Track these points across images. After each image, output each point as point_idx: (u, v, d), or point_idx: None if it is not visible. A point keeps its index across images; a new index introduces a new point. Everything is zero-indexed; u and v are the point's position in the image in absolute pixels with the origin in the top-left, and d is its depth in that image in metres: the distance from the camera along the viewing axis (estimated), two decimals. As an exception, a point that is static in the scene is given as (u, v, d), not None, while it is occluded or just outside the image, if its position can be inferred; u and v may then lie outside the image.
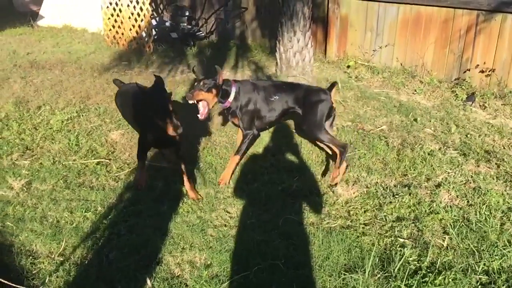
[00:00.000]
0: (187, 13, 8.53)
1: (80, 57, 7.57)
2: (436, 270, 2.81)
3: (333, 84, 4.08)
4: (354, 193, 3.75)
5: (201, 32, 8.52)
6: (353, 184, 3.87)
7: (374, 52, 6.89)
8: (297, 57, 6.06)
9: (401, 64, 6.69)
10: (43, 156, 4.32)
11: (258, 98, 4.05)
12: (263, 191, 3.76)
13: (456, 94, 5.81)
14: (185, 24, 8.39)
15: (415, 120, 5.14)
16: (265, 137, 4.81)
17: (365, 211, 3.49)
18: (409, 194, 3.66)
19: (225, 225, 3.36)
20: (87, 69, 6.92)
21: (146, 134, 3.72)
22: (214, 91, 3.86)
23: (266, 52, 7.77)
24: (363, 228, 3.30)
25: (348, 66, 6.77)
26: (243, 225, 3.34)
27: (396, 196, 3.64)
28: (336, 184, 3.85)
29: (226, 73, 6.84)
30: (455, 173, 4.01)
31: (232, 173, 3.97)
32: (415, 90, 6.03)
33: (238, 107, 4.01)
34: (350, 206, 3.57)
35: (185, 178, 3.73)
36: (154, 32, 8.02)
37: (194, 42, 8.20)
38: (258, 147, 4.56)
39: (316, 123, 3.96)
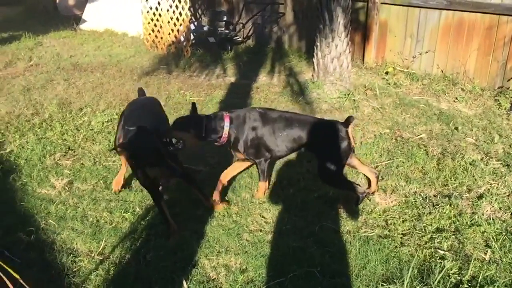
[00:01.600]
0: (225, 18, 8.61)
1: (120, 60, 7.74)
2: (478, 285, 2.72)
3: (350, 119, 3.52)
4: (392, 202, 3.68)
5: (238, 37, 8.58)
6: (391, 193, 3.80)
7: (414, 58, 6.75)
8: (334, 63, 6.03)
9: (442, 71, 6.53)
10: (84, 157, 4.43)
11: (262, 129, 3.54)
12: (299, 197, 3.74)
13: (500, 103, 5.63)
14: (223, 29, 8.47)
15: (456, 128, 5.00)
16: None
17: (403, 221, 3.42)
18: (450, 205, 3.56)
19: (261, 230, 3.35)
20: (127, 72, 7.08)
21: (143, 175, 3.18)
22: (191, 131, 3.38)
23: (303, 58, 7.75)
24: (401, 238, 3.23)
25: (387, 73, 6.66)
26: (278, 231, 3.33)
27: (436, 207, 3.55)
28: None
29: (262, 78, 6.87)
30: (498, 184, 3.88)
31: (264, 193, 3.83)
32: (456, 98, 5.88)
33: (239, 140, 3.53)
34: (388, 215, 3.50)
35: (200, 196, 3.54)
36: (192, 37, 8.13)
37: (231, 47, 8.26)
38: (293, 153, 4.53)
39: (333, 168, 3.49)
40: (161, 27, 8.18)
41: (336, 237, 3.26)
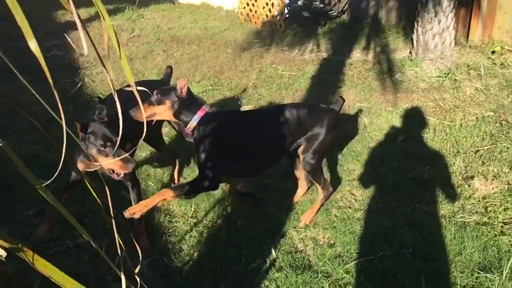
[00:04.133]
0: (320, -9, 8.45)
1: (215, 33, 7.91)
2: None
3: (341, 101, 3.16)
4: (493, 188, 3.45)
5: (333, 12, 8.37)
6: (493, 179, 3.56)
7: (526, 37, 6.18)
8: (436, 40, 5.70)
9: (559, 52, 5.92)
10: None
11: (236, 138, 2.91)
12: (391, 177, 3.64)
13: None
14: (318, 3, 8.30)
15: None
16: (395, 120, 4.63)
17: (505, 209, 3.20)
18: (560, 197, 3.27)
19: (350, 207, 3.32)
20: (221, 45, 7.23)
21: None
22: (167, 103, 2.79)
23: (400, 34, 7.40)
24: (501, 227, 3.03)
25: (493, 52, 6.16)
26: (368, 209, 3.28)
27: (544, 197, 3.28)
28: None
29: (356, 54, 6.68)
30: None
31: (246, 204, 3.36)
32: None
33: (200, 142, 2.82)
34: (487, 202, 3.29)
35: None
36: (286, 11, 8.08)
37: (326, 22, 8.10)
38: (387, 131, 4.41)
39: (321, 158, 3.12)
40: (255, 0, 8.21)
41: (429, 220, 3.13)
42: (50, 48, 6.71)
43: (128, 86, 0.93)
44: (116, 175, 2.61)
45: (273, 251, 2.84)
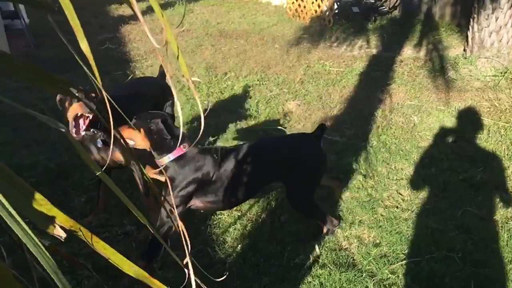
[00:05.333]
0: (371, -13, 8.28)
1: (263, 28, 7.92)
2: None
3: (322, 128, 2.88)
4: (552, 195, 3.28)
5: (384, 7, 8.20)
6: (552, 185, 3.38)
7: None
8: (492, 37, 5.47)
9: None
10: (226, 119, 4.67)
11: (209, 181, 2.62)
12: (441, 178, 3.53)
13: None
14: (368, -2, 8.17)
15: None
16: (446, 120, 4.48)
17: None
18: None
19: (397, 207, 3.24)
20: (269, 40, 7.23)
21: None
22: (142, 131, 2.55)
23: (454, 31, 7.15)
24: (561, 236, 2.88)
25: (555, 50, 5.85)
26: (416, 210, 3.19)
27: None
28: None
29: (407, 51, 6.50)
30: None
31: None
32: None
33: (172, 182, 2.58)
34: (545, 209, 3.14)
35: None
36: (335, 6, 7.97)
37: (376, 17, 7.94)
38: (437, 131, 4.27)
39: (309, 193, 2.84)
40: (305, -4, 8.16)
41: (481, 224, 3.01)
42: (103, 41, 6.93)
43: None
44: None
45: (316, 247, 2.82)
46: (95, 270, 1.25)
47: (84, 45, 0.72)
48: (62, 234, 0.87)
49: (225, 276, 2.42)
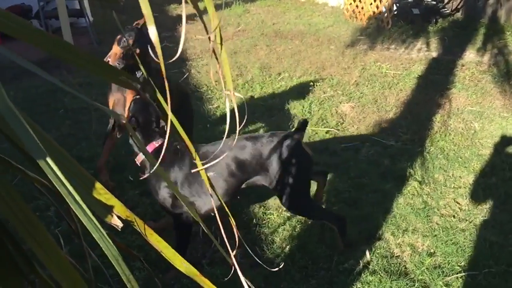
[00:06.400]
0: (433, -12, 8.01)
1: (319, 29, 7.84)
2: None
3: (304, 123, 2.72)
4: None
5: (446, 9, 7.90)
6: None
7: None
8: None
9: None
10: (279, 119, 4.66)
11: (180, 176, 2.55)
12: (503, 189, 3.35)
13: None
14: (429, 0, 7.89)
15: None
16: (510, 127, 4.25)
17: None
18: None
19: (454, 216, 3.11)
20: (324, 41, 7.15)
21: None
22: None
23: (522, 35, 6.78)
24: None
25: None
26: (474, 221, 3.04)
27: None
28: None
29: (469, 55, 6.23)
30: None
31: None
32: None
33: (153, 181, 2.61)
34: None
35: None
36: (395, 7, 7.77)
37: (437, 19, 7.66)
38: (500, 138, 4.06)
39: (300, 194, 2.71)
40: (363, -4, 8.01)
41: (546, 240, 2.83)
42: (161, 40, 7.06)
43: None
44: None
45: (367, 253, 2.75)
46: (146, 262, 1.27)
47: (153, 30, 0.74)
48: (119, 224, 0.88)
49: (277, 268, 2.42)
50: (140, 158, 2.54)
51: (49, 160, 0.62)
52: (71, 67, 3.80)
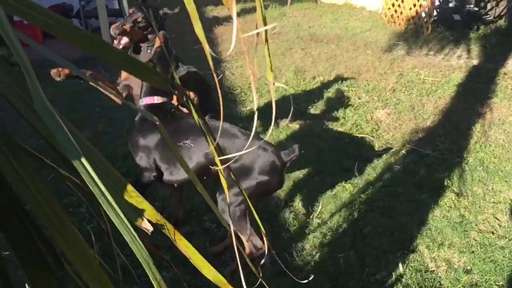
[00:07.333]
0: (476, -6, 7.77)
1: (356, 33, 7.73)
2: None
3: (294, 151, 2.48)
4: None
5: (488, 16, 7.65)
6: None
7: None
8: None
9: None
10: (312, 124, 4.59)
11: (158, 138, 2.52)
12: (548, 205, 3.19)
13: None
14: (472, 6, 7.65)
15: None
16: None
17: None
18: None
19: (492, 233, 2.97)
20: (361, 46, 7.04)
21: None
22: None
23: None
24: None
25: None
26: (515, 238, 2.90)
27: None
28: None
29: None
30: None
31: None
32: None
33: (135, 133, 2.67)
34: None
35: None
36: (435, 13, 7.58)
37: (479, 26, 7.43)
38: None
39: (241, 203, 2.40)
40: (402, 1, 7.85)
41: None
42: (196, 41, 7.13)
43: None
44: None
45: (400, 265, 2.66)
46: (174, 262, 1.25)
47: (198, 28, 0.72)
48: (149, 228, 0.87)
49: (306, 281, 2.36)
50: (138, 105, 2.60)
51: (84, 160, 0.60)
52: (108, 66, 3.84)
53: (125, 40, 2.88)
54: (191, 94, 2.71)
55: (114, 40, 2.88)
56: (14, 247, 0.79)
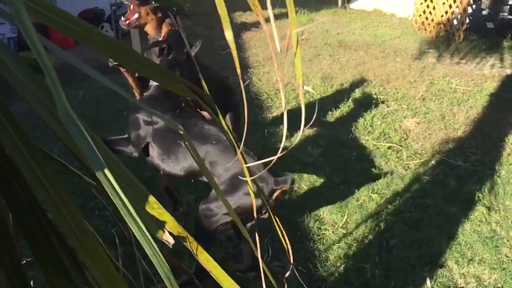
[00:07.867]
0: (510, 2, 7.55)
1: (385, 40, 7.63)
2: None
3: (286, 181, 2.18)
4: None
5: (523, 24, 7.44)
6: None
7: None
8: None
9: None
10: (339, 131, 4.53)
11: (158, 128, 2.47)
12: None
13: None
14: (506, 14, 7.46)
15: None
16: None
17: None
18: None
19: (526, 249, 2.86)
20: (390, 53, 6.93)
21: None
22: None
23: None
24: None
25: None
26: (550, 255, 2.78)
27: None
28: None
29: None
30: None
31: None
32: None
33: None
34: None
35: None
36: (467, 20, 7.41)
37: (513, 35, 7.23)
38: None
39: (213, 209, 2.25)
40: (434, 8, 7.70)
41: None
42: (225, 47, 7.17)
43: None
44: None
45: (428, 280, 2.58)
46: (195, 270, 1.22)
47: (229, 34, 0.70)
48: (171, 241, 0.85)
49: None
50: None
51: (106, 171, 0.58)
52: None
53: (135, 16, 2.81)
54: (205, 114, 2.62)
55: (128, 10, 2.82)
56: (35, 253, 0.79)
